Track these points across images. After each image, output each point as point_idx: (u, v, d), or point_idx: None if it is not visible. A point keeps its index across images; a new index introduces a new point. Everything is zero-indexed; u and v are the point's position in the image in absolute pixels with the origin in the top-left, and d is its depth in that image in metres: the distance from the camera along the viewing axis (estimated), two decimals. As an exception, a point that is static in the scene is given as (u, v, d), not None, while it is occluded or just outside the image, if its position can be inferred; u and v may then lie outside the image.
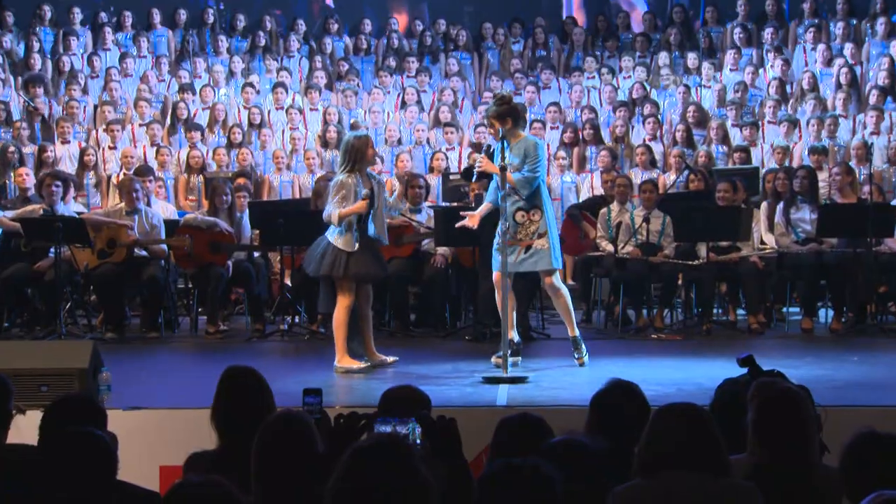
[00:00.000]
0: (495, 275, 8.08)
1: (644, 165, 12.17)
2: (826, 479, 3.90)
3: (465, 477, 3.75)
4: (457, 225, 8.45)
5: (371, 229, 8.22)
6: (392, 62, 15.02)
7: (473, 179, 8.79)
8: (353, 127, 13.12)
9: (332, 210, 8.07)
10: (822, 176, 11.19)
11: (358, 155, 8.14)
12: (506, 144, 8.01)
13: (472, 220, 8.26)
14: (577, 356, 8.25)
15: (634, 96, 13.95)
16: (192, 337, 10.25)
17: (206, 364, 8.23)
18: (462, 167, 12.20)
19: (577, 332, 8.29)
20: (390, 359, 8.36)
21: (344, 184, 8.07)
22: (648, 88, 14.16)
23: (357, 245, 8.12)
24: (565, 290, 8.26)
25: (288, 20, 15.99)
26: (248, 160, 12.49)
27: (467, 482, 3.68)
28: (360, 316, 8.33)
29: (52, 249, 9.81)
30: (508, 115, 8.07)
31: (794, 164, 11.79)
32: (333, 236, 8.17)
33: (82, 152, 12.48)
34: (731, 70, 14.27)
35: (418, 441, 3.76)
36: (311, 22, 16.17)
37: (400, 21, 16.24)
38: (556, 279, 8.20)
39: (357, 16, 15.97)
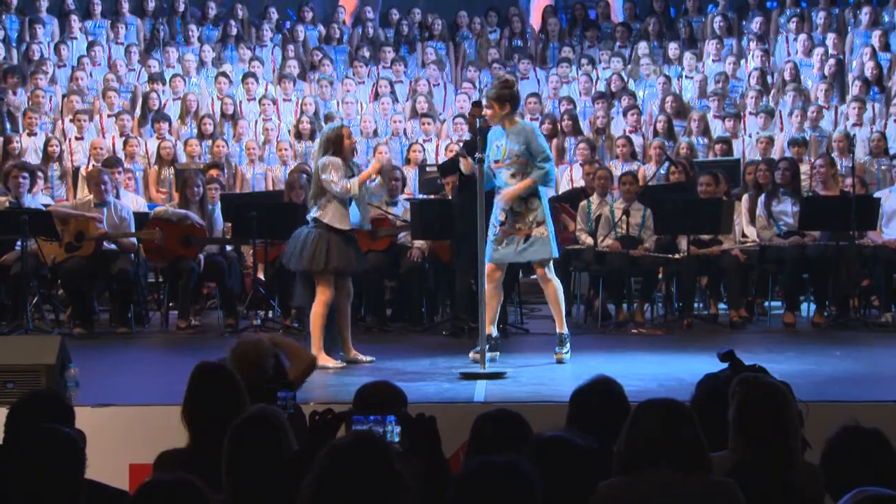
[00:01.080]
0: (489, 266, 8.05)
1: (624, 157, 12.19)
2: (808, 476, 3.91)
3: (444, 475, 3.74)
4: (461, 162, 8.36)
5: (356, 217, 8.23)
6: (366, 52, 14.98)
7: (449, 173, 8.83)
8: (328, 119, 13.12)
9: (343, 183, 8.03)
10: (804, 168, 11.23)
11: (334, 145, 8.14)
12: (501, 131, 8.08)
13: (466, 164, 8.26)
14: (557, 351, 8.24)
15: (613, 88, 13.96)
16: (162, 332, 10.22)
17: (177, 360, 8.19)
18: (439, 160, 12.21)
19: (565, 329, 8.28)
20: (366, 358, 8.35)
21: (330, 161, 8.08)
22: (626, 79, 14.18)
23: (347, 226, 8.14)
24: (557, 283, 8.25)
25: (254, 6, 15.90)
26: (220, 151, 12.45)
27: (445, 480, 3.67)
28: (339, 311, 8.32)
29: (19, 242, 9.75)
30: (509, 99, 8.11)
31: (776, 156, 11.82)
32: (329, 216, 8.13)
33: (46, 143, 12.39)
34: (713, 60, 14.30)
35: (396, 439, 3.75)
36: (281, 9, 16.09)
37: (347, 8, 16.19)
38: (550, 270, 8.20)
39: (306, 2, 15.85)
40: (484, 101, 8.23)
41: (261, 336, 5.55)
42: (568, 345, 8.27)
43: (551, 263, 8.22)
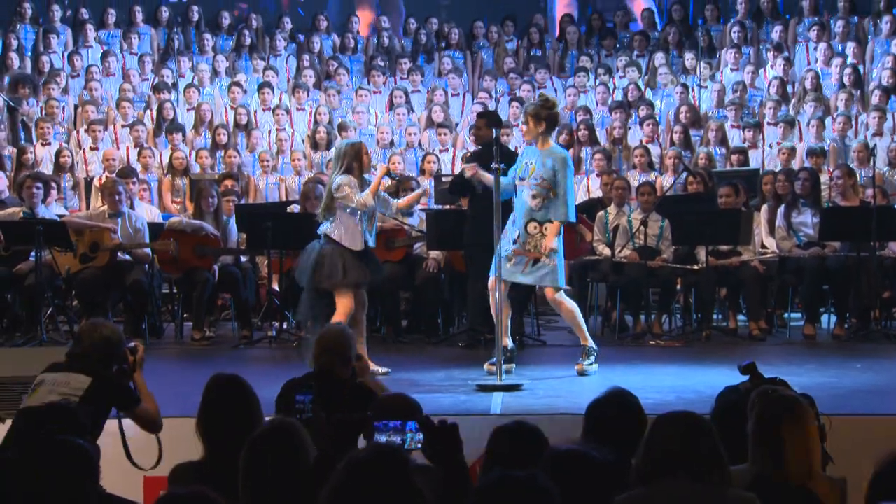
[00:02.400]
0: (491, 280, 8.08)
1: (642, 167, 12.18)
2: (829, 491, 3.90)
3: (465, 483, 3.75)
4: (464, 169, 8.41)
5: (370, 238, 8.30)
6: (381, 62, 15.01)
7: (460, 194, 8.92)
8: (342, 128, 13.14)
9: (358, 198, 8.07)
10: (823, 178, 11.20)
11: (351, 161, 8.18)
12: (535, 151, 8.14)
13: (470, 170, 8.30)
14: (579, 361, 8.23)
15: (630, 97, 13.95)
16: (177, 344, 10.24)
17: (192, 372, 8.22)
18: (456, 170, 12.21)
19: (589, 342, 8.28)
20: (382, 370, 8.36)
21: (345, 181, 8.12)
22: (643, 88, 14.17)
23: (361, 246, 8.16)
24: (570, 303, 8.26)
25: (257, 14, 15.93)
26: (234, 161, 12.47)
27: (467, 489, 3.67)
28: (354, 321, 8.33)
29: (33, 253, 9.79)
30: (546, 119, 8.15)
31: (795, 166, 11.80)
32: (335, 232, 8.15)
33: (58, 153, 12.44)
34: (731, 70, 14.28)
35: (417, 446, 3.76)
36: (295, 19, 16.14)
37: (362, 19, 16.24)
38: (560, 295, 8.21)
39: (321, 11, 15.90)
40: (522, 116, 8.30)
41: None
42: (593, 358, 8.26)
43: (561, 290, 8.24)
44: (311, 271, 8.20)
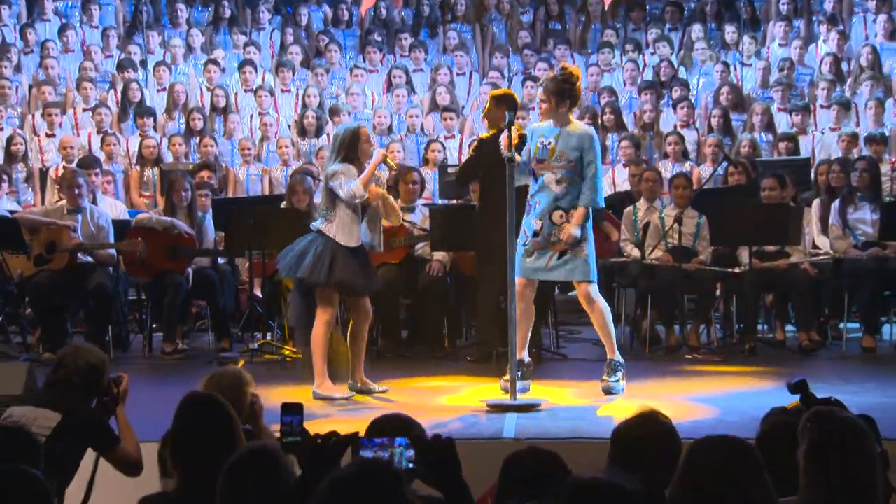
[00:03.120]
0: (519, 281, 8.03)
1: (675, 156, 12.17)
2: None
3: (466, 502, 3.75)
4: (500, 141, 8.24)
5: (363, 235, 8.22)
6: (378, 37, 15.02)
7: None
8: (333, 112, 13.14)
9: (348, 188, 8.03)
10: (884, 169, 11.18)
11: (350, 150, 8.16)
12: (551, 129, 8.10)
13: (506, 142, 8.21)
14: (604, 377, 8.21)
15: (662, 76, 13.95)
16: (145, 358, 10.23)
17: (163, 389, 8.19)
18: (463, 159, 12.20)
19: (616, 356, 8.26)
20: (379, 388, 8.35)
21: (341, 169, 8.09)
22: (677, 66, 14.17)
23: (356, 242, 8.13)
24: (603, 304, 8.22)
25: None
26: (210, 150, 12.48)
27: None
28: (355, 334, 8.33)
29: (-19, 255, 9.81)
30: (569, 96, 8.11)
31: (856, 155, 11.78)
32: (325, 225, 8.14)
33: (9, 140, 12.44)
34: (779, 45, 14.27)
35: (410, 465, 3.76)
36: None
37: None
38: (594, 290, 8.17)
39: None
40: (541, 91, 8.23)
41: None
42: (620, 374, 8.24)
43: (595, 284, 8.19)
44: (294, 262, 8.17)
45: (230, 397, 5.32)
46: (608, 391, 8.19)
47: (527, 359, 8.27)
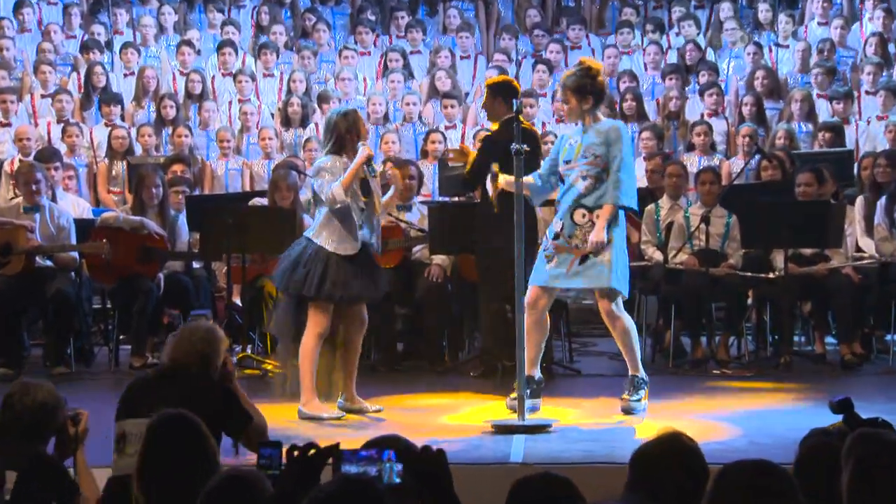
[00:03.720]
0: (532, 290, 8.02)
1: (703, 149, 12.18)
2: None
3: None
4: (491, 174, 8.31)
5: (365, 232, 8.20)
6: (372, 15, 15.03)
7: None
8: (322, 99, 13.14)
9: (329, 188, 7.99)
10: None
11: (343, 137, 8.14)
12: (578, 128, 8.11)
13: (493, 187, 8.21)
14: (624, 395, 8.19)
15: (688, 59, 13.95)
16: (111, 373, 10.23)
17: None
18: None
19: (640, 372, 8.23)
20: (372, 407, 8.33)
21: (327, 165, 8.06)
22: (705, 48, 14.17)
23: (353, 250, 8.09)
24: (628, 320, 8.19)
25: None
26: (184, 141, 12.48)
27: None
28: (348, 346, 8.29)
29: (-72, 258, 9.80)
30: (591, 91, 8.09)
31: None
32: (314, 231, 8.13)
33: (-43, 132, 12.49)
34: (818, 23, 14.26)
35: (396, 480, 3.76)
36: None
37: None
38: (618, 305, 8.13)
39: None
40: (560, 92, 8.24)
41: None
42: (643, 392, 8.21)
43: (619, 298, 8.16)
44: (288, 273, 8.16)
45: (203, 355, 5.63)
46: (628, 411, 8.17)
47: (538, 375, 8.26)
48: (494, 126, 9.28)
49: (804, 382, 9.27)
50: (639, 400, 8.21)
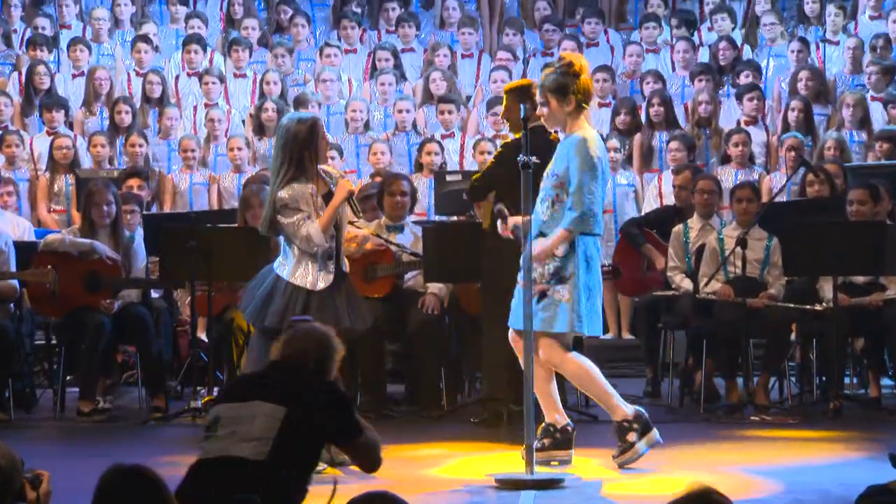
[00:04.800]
0: (511, 336, 8.04)
1: (740, 161, 12.19)
2: None
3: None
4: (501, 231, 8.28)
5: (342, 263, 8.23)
6: (357, 7, 15.06)
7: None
8: (298, 103, 13.12)
9: (305, 233, 7.95)
10: None
11: (300, 153, 8.07)
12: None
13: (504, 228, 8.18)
14: (615, 453, 8.15)
15: (721, 58, 13.96)
16: (56, 420, 10.22)
17: (78, 460, 8.19)
18: (466, 165, 12.22)
19: (622, 409, 8.13)
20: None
21: (293, 195, 8.00)
22: (741, 46, 14.19)
23: (327, 282, 8.07)
24: (578, 360, 8.09)
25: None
26: (140, 152, 12.49)
27: None
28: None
29: None
30: (573, 91, 7.94)
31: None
32: (287, 270, 8.11)
33: None
34: (870, 17, 14.30)
35: None
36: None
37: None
38: (554, 345, 8.05)
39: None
40: (539, 93, 8.12)
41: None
42: (635, 435, 8.08)
43: (561, 336, 8.06)
44: (260, 305, 8.14)
45: (319, 358, 5.76)
46: (623, 465, 8.10)
47: (563, 422, 8.19)
48: (517, 135, 9.28)
49: (857, 430, 9.27)
50: (633, 445, 8.10)
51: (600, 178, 7.95)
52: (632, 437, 8.08)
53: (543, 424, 8.03)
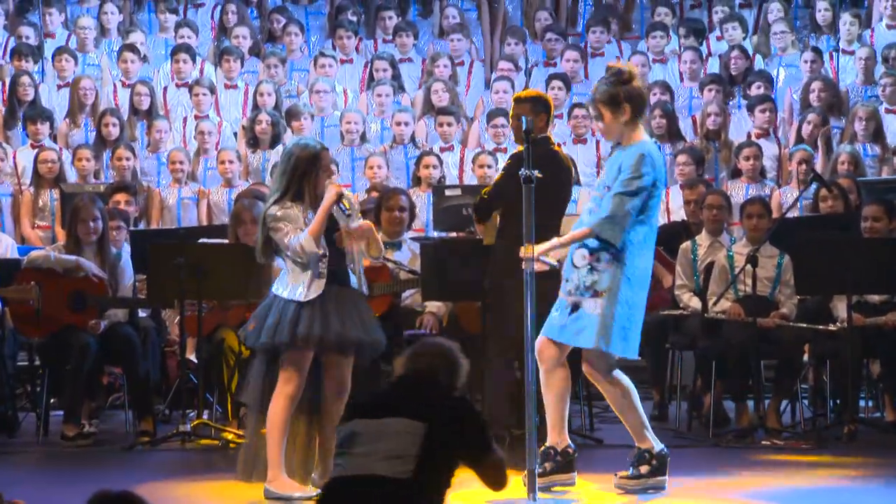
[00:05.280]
0: (539, 341, 7.98)
1: (751, 175, 12.19)
2: None
3: None
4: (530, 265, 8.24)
5: (352, 278, 8.19)
6: (353, 15, 15.06)
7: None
8: (291, 115, 13.10)
9: (295, 242, 7.93)
10: None
11: (302, 177, 8.06)
12: (618, 153, 8.02)
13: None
14: (626, 473, 8.15)
15: (733, 68, 13.97)
16: (39, 444, 10.19)
17: (63, 487, 8.19)
18: (466, 179, 12.22)
19: (653, 444, 8.15)
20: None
21: (285, 213, 7.98)
22: (752, 55, 14.19)
23: (318, 290, 8.04)
24: (624, 382, 8.12)
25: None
26: (127, 166, 12.49)
27: None
28: (324, 413, 8.24)
29: None
30: (629, 100, 7.97)
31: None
32: (282, 287, 8.08)
33: None
34: (887, 26, 14.30)
35: None
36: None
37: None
38: (602, 362, 8.06)
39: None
40: (592, 107, 8.13)
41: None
42: (648, 468, 8.12)
43: (605, 356, 8.07)
44: (260, 325, 8.07)
45: (448, 372, 5.81)
46: (623, 489, 8.10)
47: (564, 444, 8.17)
48: (521, 148, 9.29)
49: (872, 456, 9.27)
50: (645, 477, 8.11)
51: (645, 194, 7.92)
52: (645, 469, 8.10)
53: (544, 447, 8.02)
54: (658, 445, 8.07)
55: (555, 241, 7.97)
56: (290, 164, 8.09)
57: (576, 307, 7.90)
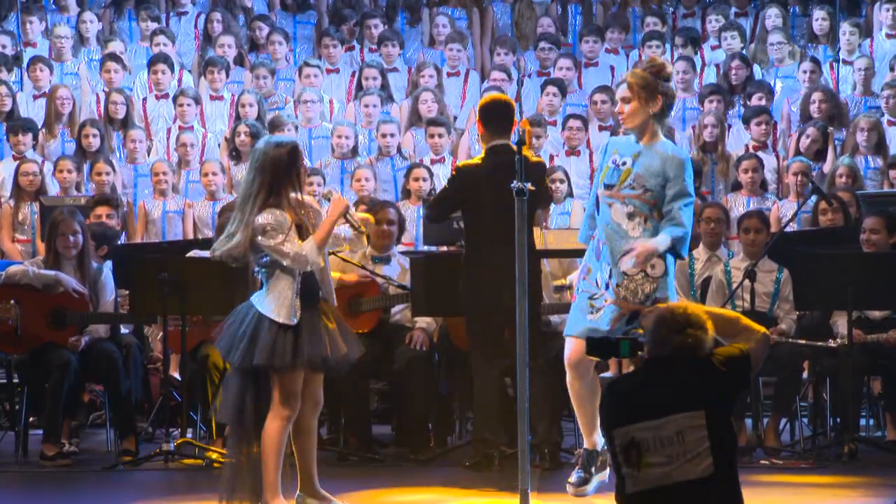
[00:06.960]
0: (573, 343, 8.05)
1: (751, 188, 12.22)
2: None
3: None
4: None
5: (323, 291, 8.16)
6: (354, 26, 15.09)
7: None
8: (274, 126, 13.09)
9: (298, 255, 7.88)
10: None
11: (281, 176, 7.99)
12: (632, 144, 7.95)
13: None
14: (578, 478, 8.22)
15: (733, 78, 13.98)
16: (18, 464, 10.21)
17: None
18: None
19: (598, 444, 8.16)
20: (342, 504, 8.34)
21: (270, 221, 7.93)
22: (749, 65, 14.21)
23: (300, 314, 8.01)
24: (598, 384, 8.14)
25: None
26: (107, 179, 12.50)
27: None
28: (301, 429, 8.26)
29: None
30: (663, 93, 7.90)
31: None
32: (266, 305, 8.05)
33: None
34: (887, 35, 14.34)
35: None
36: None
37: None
38: (598, 366, 8.12)
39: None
40: (623, 88, 7.97)
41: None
42: (594, 468, 8.18)
43: None
44: (246, 344, 8.03)
45: (693, 342, 5.64)
46: (577, 493, 8.15)
47: (600, 444, 8.16)
48: (476, 159, 9.35)
49: (873, 476, 9.30)
50: (583, 479, 8.16)
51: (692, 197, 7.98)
52: (594, 469, 8.17)
53: (583, 450, 8.10)
54: (602, 445, 8.11)
55: (652, 247, 7.78)
56: (267, 160, 7.87)
57: (634, 316, 7.74)
